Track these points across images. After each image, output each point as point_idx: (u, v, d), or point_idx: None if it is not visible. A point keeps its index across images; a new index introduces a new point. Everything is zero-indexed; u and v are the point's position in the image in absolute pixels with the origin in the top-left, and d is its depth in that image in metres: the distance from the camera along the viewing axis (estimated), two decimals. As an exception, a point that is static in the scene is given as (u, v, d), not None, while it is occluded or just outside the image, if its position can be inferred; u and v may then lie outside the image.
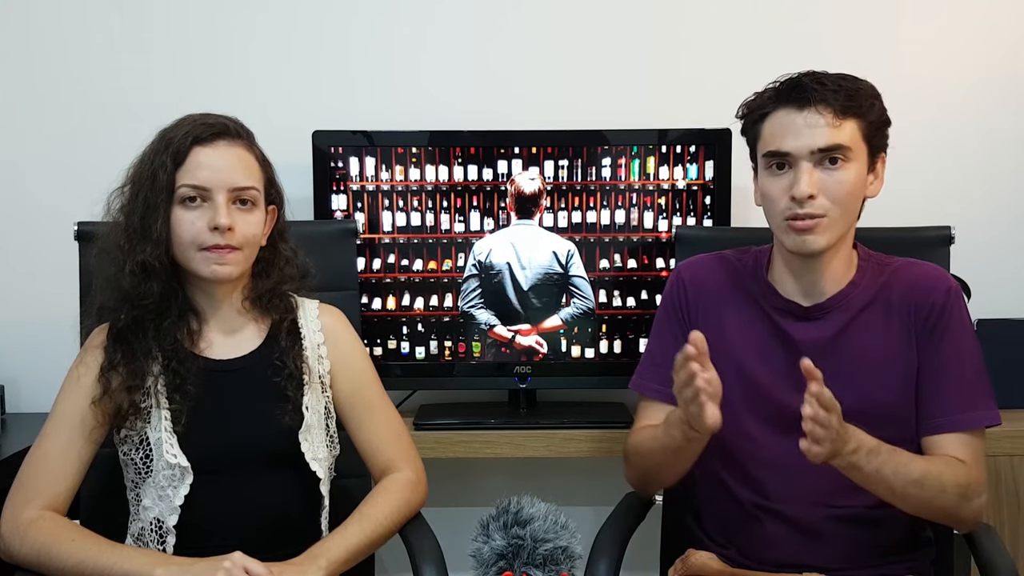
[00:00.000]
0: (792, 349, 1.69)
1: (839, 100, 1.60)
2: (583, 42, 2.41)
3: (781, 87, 1.65)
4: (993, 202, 2.44)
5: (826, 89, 1.60)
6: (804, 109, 1.61)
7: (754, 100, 1.68)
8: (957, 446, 1.65)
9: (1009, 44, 2.42)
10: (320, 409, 1.72)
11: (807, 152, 1.60)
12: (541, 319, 2.28)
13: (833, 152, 1.61)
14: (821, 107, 1.60)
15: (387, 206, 2.25)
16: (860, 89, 1.63)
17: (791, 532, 1.68)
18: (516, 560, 1.46)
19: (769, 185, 1.65)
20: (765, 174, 1.66)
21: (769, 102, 1.65)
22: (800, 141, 1.61)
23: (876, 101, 1.65)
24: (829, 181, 1.61)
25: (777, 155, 1.63)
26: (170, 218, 1.61)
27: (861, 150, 1.63)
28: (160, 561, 1.53)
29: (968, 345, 1.69)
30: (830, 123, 1.60)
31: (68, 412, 1.63)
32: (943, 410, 1.66)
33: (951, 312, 1.67)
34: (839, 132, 1.60)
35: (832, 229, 1.63)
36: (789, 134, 1.61)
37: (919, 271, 1.73)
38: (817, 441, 1.47)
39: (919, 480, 1.58)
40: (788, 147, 1.61)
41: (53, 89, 2.39)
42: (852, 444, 1.52)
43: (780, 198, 1.63)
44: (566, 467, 2.41)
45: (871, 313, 1.69)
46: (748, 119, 1.69)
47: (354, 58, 2.41)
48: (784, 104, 1.63)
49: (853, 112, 1.61)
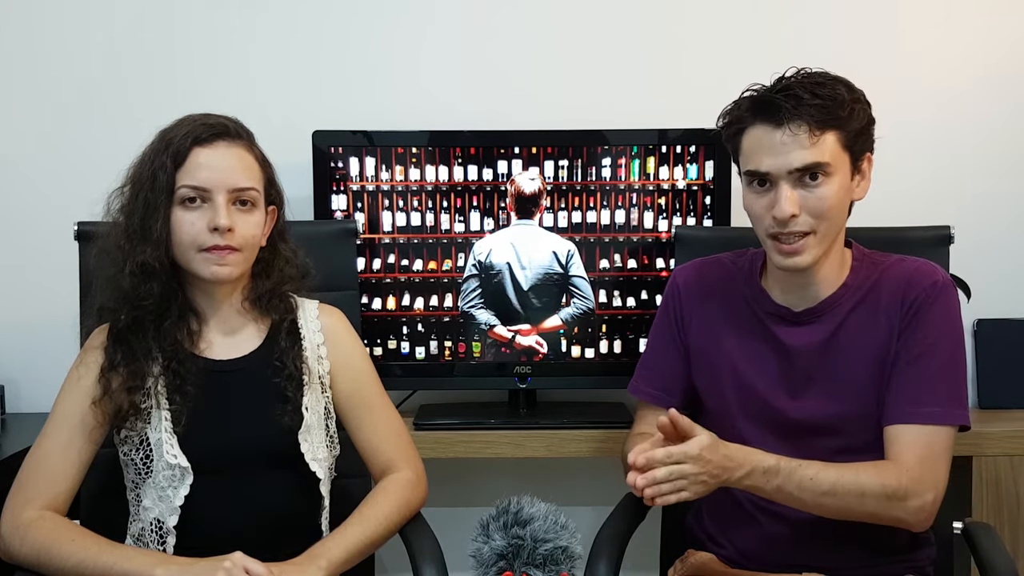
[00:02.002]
0: (783, 353, 1.70)
1: (814, 115, 1.56)
2: (583, 42, 2.41)
3: (756, 101, 1.61)
4: (992, 202, 2.44)
5: (801, 104, 1.56)
6: (780, 127, 1.57)
7: (732, 111, 1.65)
8: (907, 440, 1.61)
9: (1008, 44, 2.42)
10: (320, 409, 1.72)
11: (785, 172, 1.58)
12: (541, 319, 2.28)
13: (812, 170, 1.57)
14: (795, 125, 1.56)
15: (387, 206, 2.25)
16: (837, 97, 1.58)
17: (791, 532, 1.68)
18: (516, 560, 1.46)
19: (752, 202, 1.64)
20: (747, 190, 1.65)
21: (747, 116, 1.62)
22: (777, 160, 1.57)
23: (855, 106, 1.60)
24: (810, 198, 1.58)
25: (756, 175, 1.61)
26: (170, 219, 1.60)
27: (842, 160, 1.60)
28: (160, 561, 1.53)
29: (946, 340, 1.64)
30: (806, 142, 1.56)
31: (68, 412, 1.63)
32: (900, 400, 1.63)
33: (932, 304, 1.64)
34: (816, 149, 1.56)
35: (818, 245, 1.61)
36: (766, 153, 1.58)
37: (909, 267, 1.70)
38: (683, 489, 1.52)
39: (830, 490, 1.56)
40: (766, 167, 1.59)
41: (53, 89, 2.39)
42: (742, 470, 1.54)
43: (763, 216, 1.62)
44: (566, 467, 2.41)
45: (859, 313, 1.68)
46: (727, 131, 1.67)
47: (354, 58, 2.41)
48: (760, 120, 1.60)
49: (831, 124, 1.57)
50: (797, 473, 1.56)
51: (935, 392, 1.62)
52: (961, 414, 1.63)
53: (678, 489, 1.52)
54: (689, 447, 1.51)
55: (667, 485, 1.51)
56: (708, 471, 1.52)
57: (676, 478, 1.51)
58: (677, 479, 1.51)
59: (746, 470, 1.55)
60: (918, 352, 1.63)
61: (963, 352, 1.67)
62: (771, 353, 1.71)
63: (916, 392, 1.62)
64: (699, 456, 1.51)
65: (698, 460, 1.51)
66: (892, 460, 1.61)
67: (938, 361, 1.63)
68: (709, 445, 1.52)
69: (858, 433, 1.66)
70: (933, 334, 1.64)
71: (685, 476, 1.51)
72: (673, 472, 1.50)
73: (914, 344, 1.64)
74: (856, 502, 1.57)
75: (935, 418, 1.62)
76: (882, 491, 1.57)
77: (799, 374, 1.69)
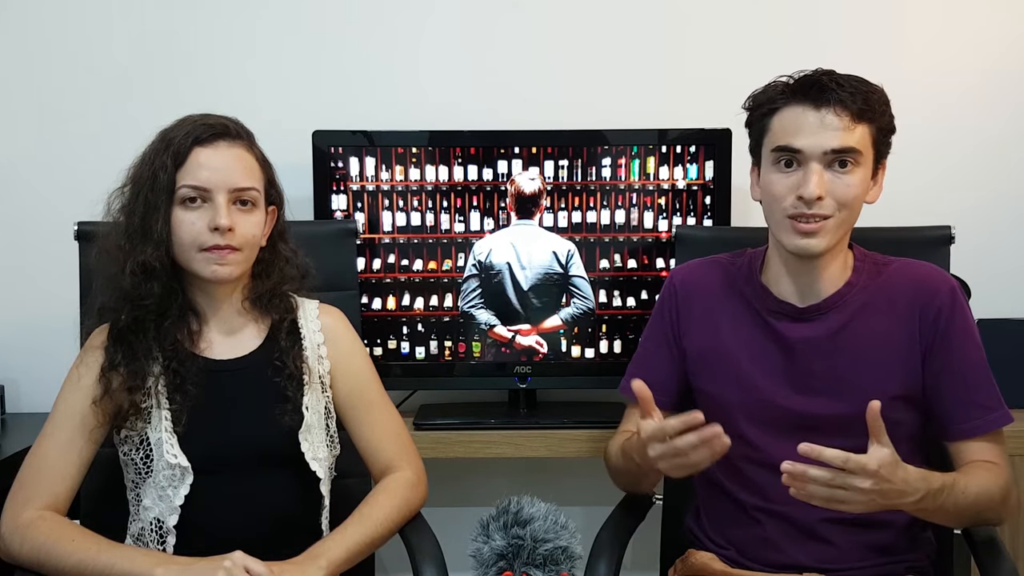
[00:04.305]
0: (787, 349, 1.70)
1: (856, 103, 1.59)
2: (583, 42, 2.41)
3: (796, 82, 1.63)
4: (993, 202, 2.44)
5: (844, 91, 1.58)
6: (821, 108, 1.59)
7: (764, 92, 1.66)
8: (986, 449, 1.66)
9: (1008, 43, 2.42)
10: (320, 409, 1.72)
11: (819, 152, 1.59)
12: (541, 319, 2.28)
13: (845, 155, 1.59)
14: (839, 108, 1.58)
15: (387, 206, 2.25)
16: (874, 93, 1.62)
17: (791, 532, 1.68)
18: (516, 560, 1.46)
19: (774, 181, 1.63)
20: (771, 169, 1.64)
21: (781, 97, 1.63)
22: (814, 140, 1.59)
23: (887, 108, 1.64)
24: (838, 184, 1.60)
25: (787, 151, 1.61)
26: (170, 218, 1.61)
27: (869, 155, 1.63)
28: (160, 561, 1.53)
29: (977, 345, 1.69)
30: (846, 126, 1.58)
31: (68, 412, 1.63)
32: (965, 415, 1.66)
33: (959, 313, 1.67)
34: (852, 135, 1.59)
35: (834, 232, 1.62)
36: (803, 131, 1.60)
37: (919, 271, 1.72)
38: (842, 501, 1.44)
39: (975, 501, 1.59)
40: (800, 144, 1.60)
41: (53, 89, 2.39)
42: (917, 495, 1.48)
43: (785, 196, 1.62)
44: (566, 467, 2.41)
45: (871, 313, 1.69)
46: (756, 111, 1.67)
47: (354, 58, 2.41)
48: (799, 100, 1.61)
49: (868, 117, 1.60)
50: (955, 489, 1.55)
51: (991, 396, 1.68)
52: (1008, 410, 1.69)
53: (836, 499, 1.43)
54: (868, 460, 1.41)
55: (822, 490, 1.42)
56: (881, 490, 1.43)
57: (838, 486, 1.41)
58: (838, 488, 1.42)
59: (920, 495, 1.48)
60: (964, 363, 1.67)
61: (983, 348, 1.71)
62: (774, 348, 1.71)
63: (980, 402, 1.67)
64: (876, 473, 1.41)
65: (873, 476, 1.41)
66: (988, 463, 1.64)
67: (982, 366, 1.68)
68: (890, 463, 1.42)
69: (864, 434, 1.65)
70: (969, 342, 1.68)
71: (849, 488, 1.41)
72: (837, 479, 1.41)
73: (955, 356, 1.67)
74: (988, 508, 1.62)
75: (1001, 420, 1.67)
76: (1001, 493, 1.62)
77: (802, 370, 1.69)
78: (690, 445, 1.49)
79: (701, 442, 1.48)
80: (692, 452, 1.50)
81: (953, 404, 1.67)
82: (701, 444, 1.48)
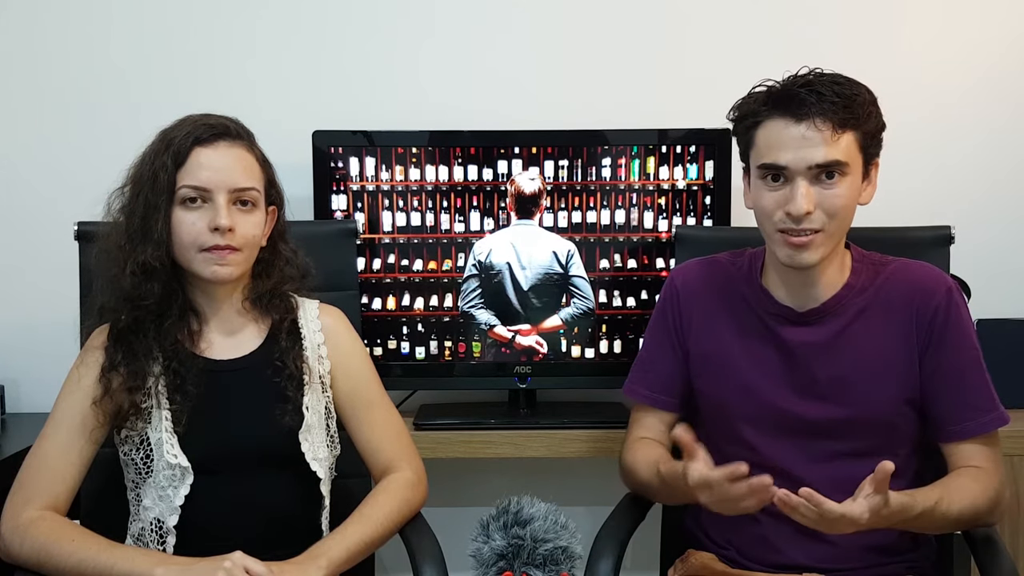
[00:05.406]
0: (787, 353, 1.69)
1: (837, 113, 1.55)
2: (583, 42, 2.41)
3: (776, 94, 1.60)
4: (992, 202, 2.44)
5: (824, 101, 1.55)
6: (801, 122, 1.56)
7: (746, 104, 1.64)
8: (977, 452, 1.66)
9: (1008, 43, 2.42)
10: (320, 409, 1.72)
11: (804, 168, 1.56)
12: (541, 319, 2.28)
13: (830, 168, 1.57)
14: (819, 121, 1.55)
15: (387, 206, 2.25)
16: (857, 97, 1.58)
17: (791, 533, 1.68)
18: (516, 560, 1.46)
19: (763, 197, 1.62)
20: (759, 184, 1.63)
21: (763, 109, 1.60)
22: (797, 155, 1.56)
23: (873, 108, 1.61)
24: (826, 196, 1.58)
25: (772, 168, 1.59)
26: (171, 219, 1.61)
27: (857, 161, 1.60)
28: (160, 561, 1.53)
29: (973, 347, 1.68)
30: (828, 138, 1.55)
31: (68, 412, 1.63)
32: (960, 417, 1.66)
33: (955, 314, 1.66)
34: (836, 147, 1.56)
35: (826, 243, 1.61)
36: (785, 147, 1.57)
37: (917, 272, 1.71)
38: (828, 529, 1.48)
39: (958, 518, 1.60)
40: (784, 161, 1.57)
41: (53, 89, 2.39)
42: (895, 520, 1.51)
43: (774, 211, 1.60)
44: (566, 467, 2.41)
45: (869, 316, 1.68)
46: (740, 123, 1.65)
47: (354, 58, 2.41)
48: (779, 114, 1.58)
49: (851, 124, 1.57)
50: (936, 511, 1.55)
51: (987, 398, 1.67)
52: (1004, 411, 1.68)
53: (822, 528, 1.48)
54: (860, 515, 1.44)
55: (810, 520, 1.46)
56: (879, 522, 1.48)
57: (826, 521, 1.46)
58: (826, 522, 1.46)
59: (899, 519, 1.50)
60: (959, 364, 1.66)
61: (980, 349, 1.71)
62: (774, 353, 1.71)
63: (975, 403, 1.66)
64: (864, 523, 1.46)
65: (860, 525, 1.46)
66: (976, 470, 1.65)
67: (979, 368, 1.67)
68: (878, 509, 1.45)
69: (865, 437, 1.66)
70: (965, 344, 1.67)
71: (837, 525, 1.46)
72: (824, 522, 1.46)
73: (952, 359, 1.66)
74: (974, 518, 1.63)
75: (996, 422, 1.66)
76: (987, 502, 1.62)
77: (803, 374, 1.68)
78: (741, 495, 1.49)
79: (751, 492, 1.49)
80: (742, 500, 1.50)
81: (947, 405, 1.66)
82: (750, 494, 1.49)
